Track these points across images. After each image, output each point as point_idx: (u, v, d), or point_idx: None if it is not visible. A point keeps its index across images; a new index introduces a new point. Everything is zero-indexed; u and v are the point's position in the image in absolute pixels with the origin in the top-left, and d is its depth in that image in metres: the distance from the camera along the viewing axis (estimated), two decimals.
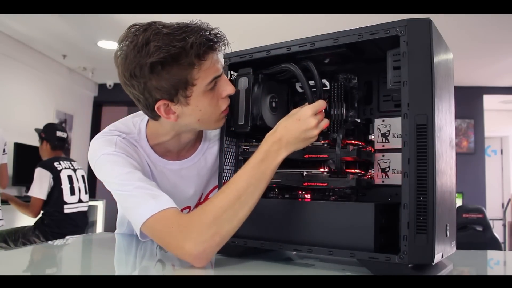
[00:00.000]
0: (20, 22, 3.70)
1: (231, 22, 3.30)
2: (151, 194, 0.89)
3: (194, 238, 0.81)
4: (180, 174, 1.11)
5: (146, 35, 0.87)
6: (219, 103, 0.95)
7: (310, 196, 0.91)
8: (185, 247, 0.81)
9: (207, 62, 0.90)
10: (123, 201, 0.94)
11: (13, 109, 4.09)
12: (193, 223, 0.83)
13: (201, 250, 0.80)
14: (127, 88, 0.94)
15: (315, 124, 0.84)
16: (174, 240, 0.83)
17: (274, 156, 0.84)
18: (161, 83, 0.89)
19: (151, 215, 0.86)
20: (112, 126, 1.07)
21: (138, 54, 0.87)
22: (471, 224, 3.44)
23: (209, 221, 0.82)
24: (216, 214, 0.82)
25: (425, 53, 0.72)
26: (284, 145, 0.84)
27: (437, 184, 0.71)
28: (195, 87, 0.91)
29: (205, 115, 0.96)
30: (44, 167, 3.06)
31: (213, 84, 0.93)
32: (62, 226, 3.03)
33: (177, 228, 0.83)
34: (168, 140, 1.07)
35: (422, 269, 0.74)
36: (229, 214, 0.82)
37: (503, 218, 5.71)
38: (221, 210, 0.82)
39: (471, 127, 5.36)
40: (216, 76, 0.92)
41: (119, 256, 1.06)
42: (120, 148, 0.99)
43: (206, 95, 0.93)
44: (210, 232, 0.81)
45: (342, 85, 0.93)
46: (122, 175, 0.94)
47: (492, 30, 3.65)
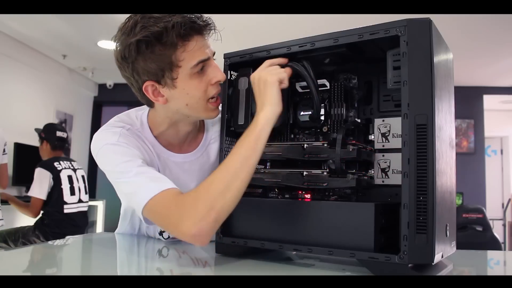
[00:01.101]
0: (20, 22, 3.70)
1: (231, 22, 3.31)
2: (151, 177, 0.91)
3: (190, 217, 0.81)
4: (183, 168, 1.12)
5: (135, 19, 0.92)
6: (207, 89, 0.97)
7: (310, 196, 0.91)
8: (182, 227, 0.82)
9: (191, 43, 0.92)
10: (124, 188, 0.95)
11: (13, 109, 4.09)
12: (188, 201, 0.83)
13: (199, 227, 0.81)
14: (121, 72, 0.99)
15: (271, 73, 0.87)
16: (173, 220, 0.84)
17: (261, 123, 0.86)
18: (147, 64, 0.92)
19: (151, 197, 0.87)
20: (116, 117, 1.09)
21: (127, 36, 0.92)
22: (471, 224, 3.44)
23: (202, 196, 0.82)
24: (208, 188, 0.83)
25: (425, 53, 0.72)
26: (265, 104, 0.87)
27: (437, 184, 0.71)
28: (181, 69, 0.93)
29: (192, 100, 0.97)
30: (44, 167, 3.06)
31: (199, 67, 0.94)
32: (62, 226, 3.03)
33: (174, 208, 0.84)
34: (165, 129, 1.08)
35: (422, 269, 0.74)
36: (220, 186, 0.82)
37: (503, 218, 5.70)
38: (212, 184, 0.83)
39: (471, 127, 5.36)
40: (202, 60, 0.94)
41: (119, 256, 1.06)
42: (123, 139, 1.00)
43: (193, 78, 0.95)
44: (205, 207, 0.81)
45: (342, 85, 0.93)
46: (122, 163, 0.95)
47: (492, 30, 3.65)
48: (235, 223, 0.92)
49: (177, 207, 0.84)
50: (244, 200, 0.93)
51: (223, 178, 0.83)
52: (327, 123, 0.93)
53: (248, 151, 0.84)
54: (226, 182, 0.83)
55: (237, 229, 0.91)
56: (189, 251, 1.03)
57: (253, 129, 0.86)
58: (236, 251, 0.91)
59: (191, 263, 0.91)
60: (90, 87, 5.62)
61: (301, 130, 0.97)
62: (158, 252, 1.03)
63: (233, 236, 0.91)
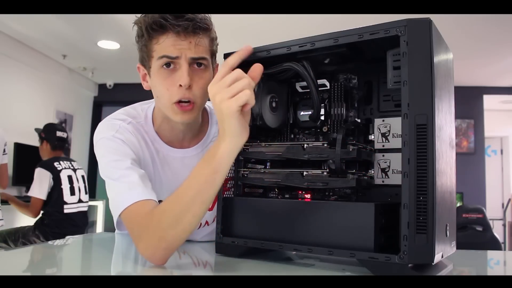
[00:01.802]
0: (20, 22, 3.70)
1: (230, 22, 3.31)
2: (131, 183, 0.92)
3: (144, 241, 0.83)
4: (183, 163, 1.12)
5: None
6: (170, 89, 0.97)
7: (310, 196, 0.91)
8: (139, 248, 0.84)
9: (162, 37, 0.95)
10: (108, 188, 0.98)
11: (13, 109, 4.09)
12: (145, 225, 0.84)
13: (151, 253, 0.82)
14: None
15: (219, 93, 0.75)
16: (133, 239, 0.87)
17: (213, 154, 0.79)
18: (138, 47, 1.02)
19: (124, 207, 0.89)
20: (122, 110, 1.11)
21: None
22: (471, 224, 3.44)
23: (154, 225, 0.83)
24: (159, 219, 0.82)
25: (425, 53, 0.72)
26: (223, 139, 0.78)
27: (437, 184, 0.70)
28: (153, 59, 0.98)
29: (158, 94, 1.00)
30: (44, 167, 3.06)
31: (163, 61, 0.96)
32: (62, 226, 3.03)
33: (136, 227, 0.87)
34: (161, 123, 1.10)
35: (422, 269, 0.74)
36: (170, 219, 0.81)
37: (503, 218, 5.71)
38: (163, 214, 0.82)
39: (471, 127, 5.36)
40: (168, 55, 0.95)
41: (119, 256, 1.06)
42: (120, 134, 1.02)
43: (160, 73, 0.98)
44: (156, 236, 0.81)
45: (342, 85, 0.93)
46: (111, 161, 0.98)
47: (492, 30, 3.65)
48: (235, 223, 0.92)
49: (138, 228, 0.86)
50: (244, 200, 0.93)
51: (173, 210, 0.81)
52: (327, 123, 0.93)
53: (202, 185, 0.79)
54: (177, 215, 0.80)
55: (237, 229, 0.91)
56: (189, 251, 1.03)
57: (211, 161, 0.78)
58: (236, 251, 0.91)
59: (191, 263, 0.91)
60: (90, 87, 5.62)
61: (301, 130, 0.97)
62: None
63: (233, 236, 0.91)
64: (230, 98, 0.74)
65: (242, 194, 0.97)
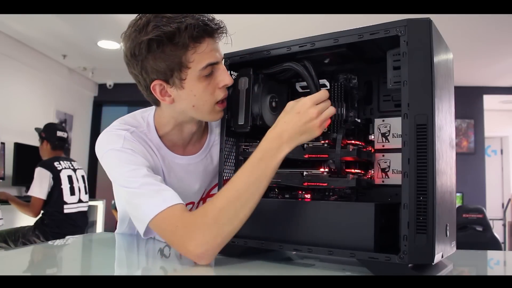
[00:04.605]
0: (20, 22, 3.70)
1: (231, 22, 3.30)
2: (156, 190, 0.90)
3: (197, 239, 0.82)
4: (187, 169, 1.12)
5: (148, 17, 0.91)
6: (215, 92, 0.96)
7: (310, 196, 0.91)
8: (188, 247, 0.82)
9: (202, 45, 0.92)
10: (129, 198, 0.95)
11: (13, 109, 4.09)
12: (196, 224, 0.83)
13: (204, 250, 0.81)
14: (129, 69, 0.98)
15: (315, 115, 0.82)
16: (179, 240, 0.84)
17: (275, 153, 0.83)
18: (157, 63, 0.92)
19: (156, 213, 0.87)
20: (121, 119, 1.08)
21: (138, 34, 0.91)
22: (471, 224, 3.44)
23: (211, 222, 0.82)
24: (217, 216, 0.82)
25: (425, 53, 0.72)
26: (286, 140, 0.83)
27: (437, 184, 0.70)
28: (190, 70, 0.92)
29: (199, 102, 0.96)
30: (44, 166, 3.06)
31: (208, 70, 0.94)
32: (62, 226, 3.03)
33: (181, 228, 0.84)
34: (170, 130, 1.08)
35: (422, 269, 0.74)
36: (229, 215, 0.82)
37: (503, 218, 5.70)
38: (221, 211, 0.82)
39: (471, 127, 5.36)
40: (211, 63, 0.93)
41: (119, 256, 1.06)
42: (128, 144, 1.00)
43: (201, 81, 0.94)
44: (212, 233, 0.82)
45: (342, 85, 0.93)
46: (127, 172, 0.95)
47: (492, 30, 3.65)
48: None
49: (184, 228, 0.84)
50: None
51: (232, 206, 0.83)
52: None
53: (257, 180, 0.83)
54: (235, 211, 0.83)
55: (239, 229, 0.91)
56: None
57: (267, 161, 0.84)
58: (236, 251, 0.91)
59: (191, 263, 0.91)
60: (90, 87, 5.61)
61: None
62: (158, 252, 1.03)
63: (233, 236, 0.91)
64: (320, 126, 0.84)
65: None
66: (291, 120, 0.83)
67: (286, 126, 0.83)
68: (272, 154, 0.83)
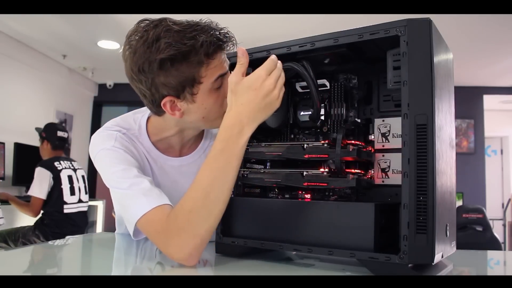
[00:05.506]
0: (20, 22, 3.70)
1: (231, 22, 3.30)
2: (144, 190, 0.90)
3: (175, 244, 0.81)
4: (180, 171, 1.12)
5: (157, 31, 0.87)
6: (224, 102, 0.95)
7: (310, 196, 0.91)
8: (170, 252, 0.82)
9: (215, 61, 0.91)
10: (119, 199, 0.96)
11: (13, 109, 4.09)
12: (170, 229, 0.82)
13: (186, 253, 0.80)
14: (133, 83, 0.94)
15: (273, 86, 0.79)
16: (161, 244, 0.84)
17: (236, 139, 0.80)
18: (169, 80, 0.89)
19: (142, 214, 0.87)
20: (113, 121, 1.08)
21: (148, 49, 0.87)
22: (471, 224, 3.44)
23: (183, 226, 0.81)
24: (188, 218, 0.81)
25: (425, 53, 0.72)
26: (246, 122, 0.80)
27: (437, 184, 0.70)
28: (202, 85, 0.91)
29: (210, 114, 0.96)
30: (44, 166, 3.06)
31: (219, 82, 0.93)
32: (62, 226, 3.03)
33: (161, 232, 0.84)
34: (171, 135, 1.08)
35: (422, 269, 0.74)
36: (201, 214, 0.81)
37: (503, 218, 5.71)
38: (191, 213, 0.81)
39: (471, 127, 5.36)
40: (221, 74, 0.93)
41: (119, 256, 1.06)
42: (119, 143, 1.00)
43: (212, 93, 0.93)
44: (188, 236, 0.80)
45: (342, 85, 0.93)
46: (118, 171, 0.95)
47: (492, 30, 3.65)
48: (235, 223, 0.92)
49: (163, 232, 0.83)
50: (244, 200, 0.93)
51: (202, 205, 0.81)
52: (327, 123, 0.93)
53: (225, 173, 0.81)
54: (207, 209, 0.81)
55: (237, 229, 0.91)
56: None
57: (231, 148, 0.81)
58: (236, 251, 0.91)
59: None
60: (90, 87, 5.62)
61: (301, 130, 0.97)
62: (158, 252, 1.03)
63: (233, 236, 0.91)
64: (279, 96, 0.81)
65: (242, 194, 0.97)
66: (248, 100, 0.79)
67: (244, 108, 0.80)
68: (234, 141, 0.80)
